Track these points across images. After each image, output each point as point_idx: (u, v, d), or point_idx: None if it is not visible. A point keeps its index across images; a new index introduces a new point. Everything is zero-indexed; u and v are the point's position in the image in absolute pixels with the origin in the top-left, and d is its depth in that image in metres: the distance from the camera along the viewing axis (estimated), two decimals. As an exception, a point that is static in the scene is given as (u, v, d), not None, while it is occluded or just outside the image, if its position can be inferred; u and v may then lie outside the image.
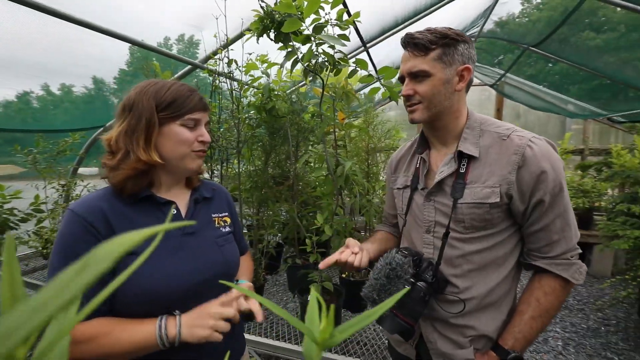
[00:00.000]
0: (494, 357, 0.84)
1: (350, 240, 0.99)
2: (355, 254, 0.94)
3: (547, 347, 2.32)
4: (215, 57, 2.01)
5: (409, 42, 0.86)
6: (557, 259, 0.82)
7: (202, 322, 0.71)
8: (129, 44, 2.22)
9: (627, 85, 3.76)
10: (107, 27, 1.86)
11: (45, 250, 2.36)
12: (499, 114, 5.35)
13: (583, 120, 5.03)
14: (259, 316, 0.81)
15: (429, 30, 0.86)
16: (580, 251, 0.84)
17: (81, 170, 3.40)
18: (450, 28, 0.86)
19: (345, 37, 1.54)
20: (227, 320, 0.74)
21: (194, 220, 0.85)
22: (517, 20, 4.21)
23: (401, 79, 0.92)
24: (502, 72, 4.85)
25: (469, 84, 0.89)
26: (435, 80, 0.84)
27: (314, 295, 0.35)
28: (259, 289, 2.28)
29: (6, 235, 0.19)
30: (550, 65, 4.74)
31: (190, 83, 1.71)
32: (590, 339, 2.41)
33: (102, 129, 3.36)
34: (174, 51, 2.36)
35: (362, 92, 4.78)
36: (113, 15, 1.93)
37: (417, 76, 0.86)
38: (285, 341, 1.93)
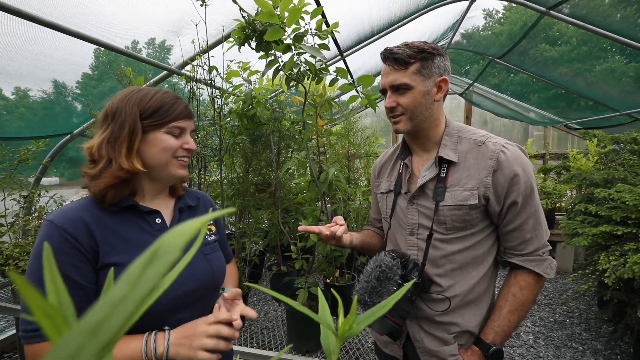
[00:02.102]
0: (477, 351, 0.89)
1: (337, 217, 1.04)
2: (340, 225, 0.99)
3: (519, 341, 2.45)
4: (194, 63, 1.98)
5: (389, 57, 0.90)
6: (531, 256, 0.88)
7: (187, 341, 0.69)
8: (94, 47, 2.11)
9: (579, 96, 4.11)
10: (75, 29, 1.78)
11: (6, 268, 2.18)
12: (468, 121, 5.63)
13: (543, 127, 5.42)
14: (237, 328, 0.77)
15: (406, 45, 0.91)
16: (550, 248, 0.91)
17: (42, 180, 3.19)
18: (425, 42, 0.92)
19: (326, 47, 1.58)
20: (225, 338, 0.72)
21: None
22: (481, 32, 4.50)
23: (382, 92, 0.96)
24: (469, 81, 5.13)
25: (446, 93, 0.95)
26: (416, 93, 0.89)
27: (321, 295, 0.36)
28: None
29: (44, 245, 0.19)
30: (512, 75, 5.10)
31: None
32: (557, 331, 2.57)
33: (68, 136, 3.19)
34: (143, 56, 2.29)
35: (337, 99, 4.87)
36: (79, 16, 1.84)
37: (399, 89, 0.90)
38: (268, 350, 1.91)
